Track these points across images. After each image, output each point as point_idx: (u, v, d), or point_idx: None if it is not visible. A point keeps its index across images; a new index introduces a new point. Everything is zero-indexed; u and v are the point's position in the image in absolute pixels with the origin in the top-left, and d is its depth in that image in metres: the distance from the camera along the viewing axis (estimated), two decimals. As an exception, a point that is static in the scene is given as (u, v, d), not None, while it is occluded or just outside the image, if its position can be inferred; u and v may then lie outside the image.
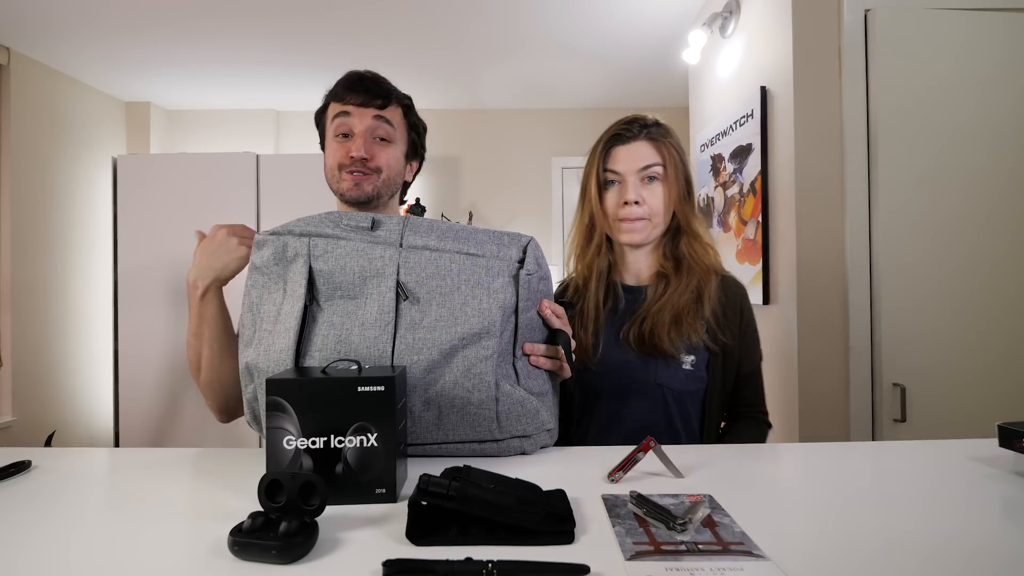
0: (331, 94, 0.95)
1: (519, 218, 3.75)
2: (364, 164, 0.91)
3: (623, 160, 0.97)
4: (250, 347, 0.75)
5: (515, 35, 2.68)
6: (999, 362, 1.52)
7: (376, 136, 0.93)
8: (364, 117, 0.92)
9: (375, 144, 0.93)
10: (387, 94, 0.94)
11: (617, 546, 0.47)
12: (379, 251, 0.74)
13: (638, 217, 0.96)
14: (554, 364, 0.79)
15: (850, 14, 1.55)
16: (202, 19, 2.49)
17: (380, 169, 0.93)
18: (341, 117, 0.92)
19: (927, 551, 0.46)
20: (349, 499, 0.56)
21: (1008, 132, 1.54)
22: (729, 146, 2.04)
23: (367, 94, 0.92)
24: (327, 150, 0.95)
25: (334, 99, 0.94)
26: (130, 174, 2.74)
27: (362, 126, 0.92)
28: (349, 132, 0.92)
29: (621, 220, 0.98)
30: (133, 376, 2.71)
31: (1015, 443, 0.64)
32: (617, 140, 0.98)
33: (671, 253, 1.01)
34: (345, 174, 0.92)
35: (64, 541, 0.49)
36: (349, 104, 0.92)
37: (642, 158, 0.96)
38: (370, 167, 0.92)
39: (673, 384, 0.96)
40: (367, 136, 0.92)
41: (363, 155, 0.91)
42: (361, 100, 0.92)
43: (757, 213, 1.79)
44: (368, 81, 0.93)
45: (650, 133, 0.98)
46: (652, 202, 0.96)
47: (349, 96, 0.92)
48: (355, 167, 0.91)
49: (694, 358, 0.96)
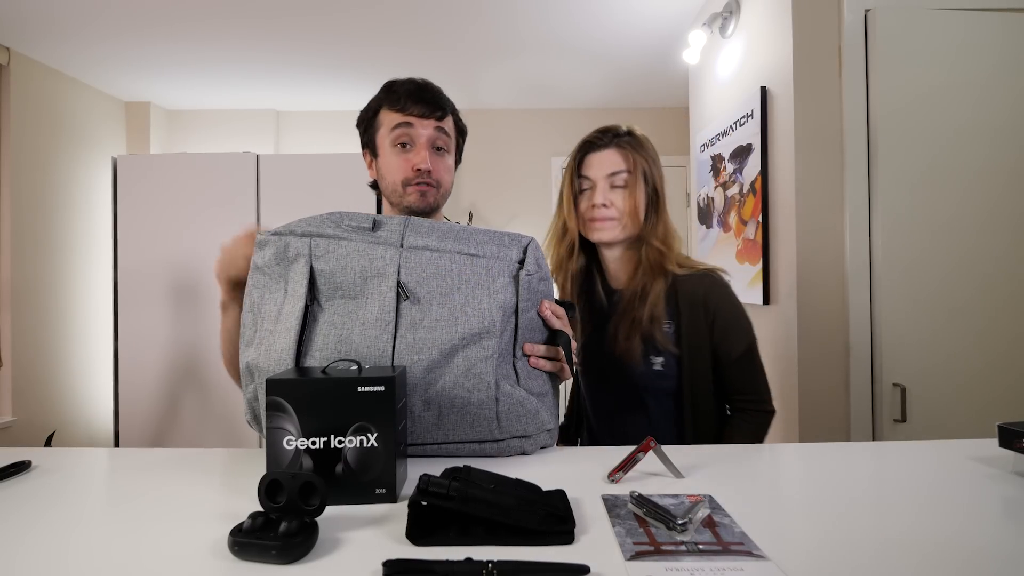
0: (386, 100, 0.94)
1: (519, 218, 3.75)
2: (429, 176, 0.92)
3: (594, 166, 1.04)
4: (251, 347, 0.75)
5: (515, 35, 2.68)
6: (999, 362, 1.52)
7: (435, 146, 0.94)
8: (426, 128, 0.92)
9: (434, 155, 0.94)
10: (445, 106, 0.95)
11: (617, 546, 0.47)
12: (380, 251, 0.74)
13: (606, 217, 1.03)
14: (554, 365, 0.79)
15: (850, 14, 1.55)
16: (202, 19, 2.48)
17: (440, 183, 0.94)
18: (403, 128, 0.92)
19: (927, 551, 0.46)
20: (349, 499, 0.56)
21: (1008, 132, 1.54)
22: (729, 146, 2.04)
23: (428, 105, 0.92)
24: (386, 164, 0.94)
25: (392, 107, 0.93)
26: (130, 174, 2.74)
27: (424, 137, 0.92)
28: (410, 142, 0.93)
29: (591, 220, 1.04)
30: (133, 376, 2.71)
31: (1015, 443, 0.64)
32: (590, 147, 1.06)
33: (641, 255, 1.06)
34: (411, 187, 0.92)
35: (64, 541, 0.49)
36: (411, 115, 0.92)
37: (610, 165, 1.03)
38: (434, 179, 0.93)
39: (648, 384, 1.02)
40: (429, 147, 0.93)
41: (428, 167, 0.91)
42: (423, 111, 0.92)
43: (757, 213, 1.79)
44: (428, 92, 0.94)
45: (620, 142, 1.04)
46: (619, 204, 1.03)
47: (411, 106, 0.92)
48: (420, 179, 0.92)
49: (663, 359, 1.01)
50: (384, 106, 0.95)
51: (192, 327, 2.67)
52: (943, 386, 1.50)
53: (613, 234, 1.03)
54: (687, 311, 1.03)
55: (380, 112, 0.95)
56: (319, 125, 3.77)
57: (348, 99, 3.54)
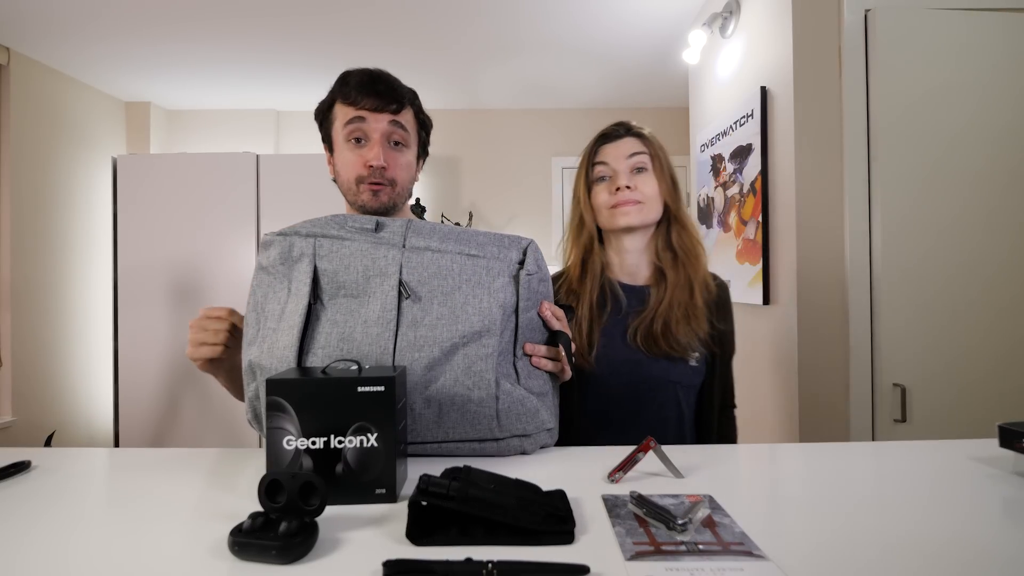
0: (340, 93, 0.89)
1: (519, 218, 3.75)
2: (382, 173, 0.87)
3: (612, 154, 1.01)
4: (253, 345, 0.75)
5: (515, 35, 2.68)
6: (999, 362, 1.52)
7: (391, 141, 0.89)
8: (380, 122, 0.87)
9: (390, 151, 0.89)
10: (401, 98, 0.89)
11: (617, 546, 0.47)
12: (382, 251, 0.75)
13: (631, 200, 0.99)
14: (555, 365, 0.80)
15: (850, 14, 1.55)
16: (202, 19, 2.48)
17: (395, 181, 0.89)
18: (355, 123, 0.87)
19: (927, 551, 0.46)
20: (349, 499, 0.56)
21: (1008, 132, 1.54)
22: (729, 146, 2.04)
23: (381, 98, 0.87)
24: (341, 160, 0.90)
25: (344, 100, 0.88)
26: (130, 174, 2.74)
27: (378, 132, 0.87)
28: (363, 137, 0.88)
29: (615, 206, 1.00)
30: (133, 376, 2.71)
31: (1015, 443, 0.64)
32: (605, 139, 1.04)
33: (667, 245, 1.03)
34: (364, 186, 0.88)
35: (64, 541, 0.49)
36: (363, 109, 0.86)
37: (628, 149, 1.01)
38: (387, 177, 0.88)
39: (683, 380, 0.98)
40: (383, 142, 0.88)
41: (382, 163, 0.86)
42: (375, 104, 0.86)
43: (757, 213, 1.79)
44: (381, 83, 0.88)
45: (634, 132, 1.03)
46: (644, 188, 1.00)
47: (363, 99, 0.86)
48: (373, 177, 0.87)
49: (698, 354, 0.99)
50: (338, 99, 0.89)
51: (192, 327, 2.67)
52: (943, 386, 1.50)
53: (640, 217, 0.99)
54: (722, 306, 1.03)
55: (334, 106, 0.90)
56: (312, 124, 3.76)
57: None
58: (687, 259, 1.00)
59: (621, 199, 0.99)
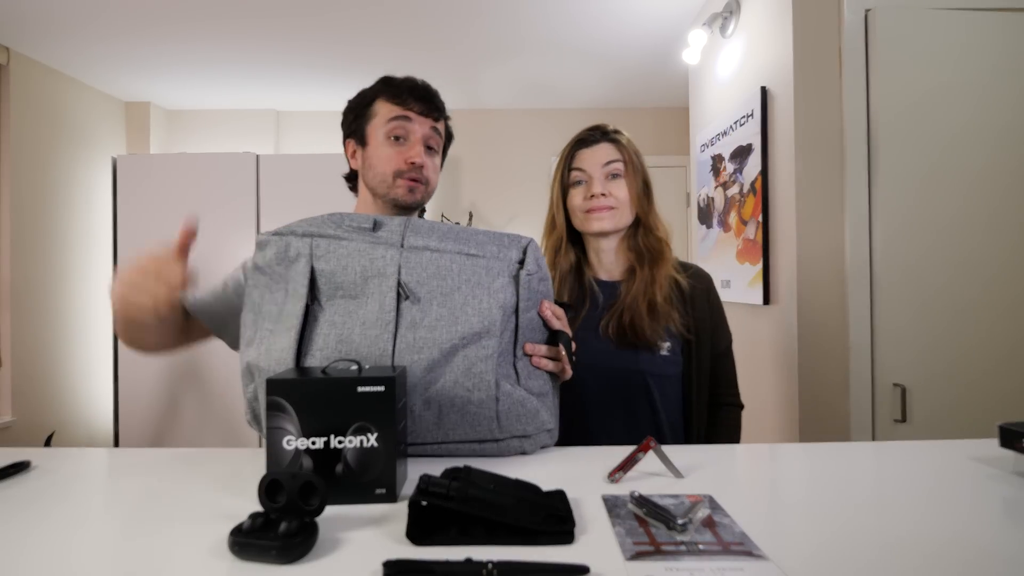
0: (385, 92, 0.94)
1: (519, 218, 3.75)
2: (420, 171, 0.92)
3: (588, 159, 1.06)
4: (251, 347, 0.75)
5: (515, 35, 2.68)
6: (1000, 362, 1.52)
7: (427, 145, 0.94)
8: (423, 125, 0.93)
9: (426, 153, 0.94)
10: (441, 107, 0.96)
11: (617, 546, 0.47)
12: (380, 251, 0.74)
13: (605, 206, 1.04)
14: (556, 365, 0.79)
15: (850, 14, 1.55)
16: (202, 19, 2.48)
17: (429, 180, 0.94)
18: (400, 120, 0.92)
19: (927, 551, 0.46)
20: (349, 499, 0.56)
21: (1008, 132, 1.54)
22: (729, 146, 2.04)
23: (427, 103, 0.93)
24: (378, 155, 0.93)
25: (392, 99, 0.93)
26: (130, 174, 2.74)
27: (420, 133, 0.92)
28: (405, 137, 0.92)
29: (589, 211, 1.05)
30: (133, 376, 2.71)
31: (1016, 443, 0.64)
32: (581, 144, 1.08)
33: (635, 247, 1.09)
34: (401, 180, 0.92)
35: (64, 541, 0.49)
36: (411, 110, 0.92)
37: (605, 156, 1.05)
38: (424, 176, 0.93)
39: (653, 369, 1.02)
40: (423, 144, 0.93)
41: (422, 162, 0.91)
42: (422, 109, 0.92)
43: (757, 213, 1.79)
44: (428, 92, 0.94)
45: (610, 137, 1.07)
46: (617, 193, 1.05)
47: (411, 102, 0.92)
48: (412, 173, 0.91)
49: (670, 344, 1.03)
50: (381, 97, 0.94)
51: (192, 327, 2.67)
52: (943, 386, 1.50)
53: (613, 223, 1.05)
54: (698, 299, 1.07)
55: (376, 102, 0.94)
56: (319, 125, 3.77)
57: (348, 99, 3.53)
58: (652, 258, 1.06)
59: (595, 205, 1.04)
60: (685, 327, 1.04)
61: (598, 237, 1.08)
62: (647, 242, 1.07)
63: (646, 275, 1.04)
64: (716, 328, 1.08)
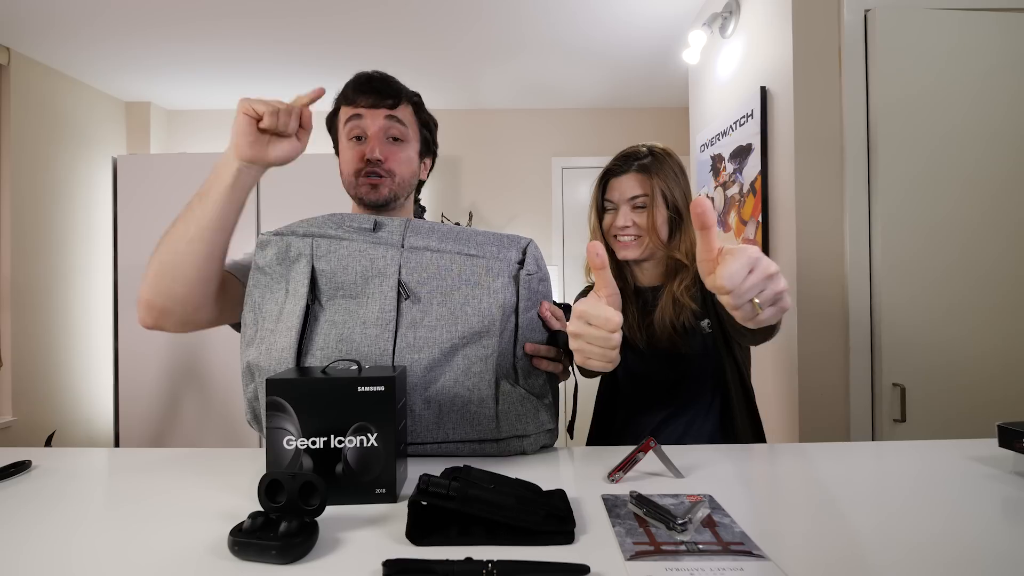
0: (341, 97, 0.95)
1: (519, 218, 3.74)
2: (379, 166, 0.91)
3: (616, 190, 1.11)
4: (252, 346, 0.75)
5: (515, 35, 2.68)
6: (999, 362, 1.52)
7: (389, 136, 0.92)
8: (376, 118, 0.91)
9: (389, 145, 0.92)
10: (397, 93, 0.93)
11: (617, 546, 0.47)
12: (381, 251, 0.74)
13: (631, 235, 1.10)
14: (555, 366, 0.79)
15: (850, 14, 1.55)
16: (202, 19, 2.48)
17: (394, 172, 0.92)
18: (353, 120, 0.92)
19: (927, 551, 0.46)
20: (349, 499, 0.56)
21: (1008, 132, 1.54)
22: (729, 146, 2.04)
23: (377, 95, 0.91)
24: (343, 158, 0.94)
25: (344, 102, 0.93)
26: (130, 174, 2.74)
27: (375, 127, 0.91)
28: (362, 134, 0.92)
29: (616, 239, 1.12)
30: (133, 376, 2.71)
31: (1015, 443, 0.64)
32: (611, 173, 1.12)
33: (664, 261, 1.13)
34: (362, 179, 0.91)
35: (64, 541, 0.49)
36: (360, 106, 0.91)
37: (629, 190, 1.09)
38: (385, 169, 0.91)
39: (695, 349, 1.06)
40: (381, 137, 0.91)
41: (378, 156, 0.90)
42: (372, 101, 0.91)
43: (757, 213, 1.79)
44: (377, 81, 0.93)
45: (641, 166, 1.09)
46: (642, 223, 1.09)
47: (360, 98, 0.91)
48: (371, 169, 0.91)
49: (707, 320, 1.06)
50: (341, 104, 0.95)
51: (192, 327, 2.67)
52: (943, 386, 1.50)
53: (636, 252, 1.10)
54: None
55: (339, 111, 0.95)
56: (319, 125, 3.76)
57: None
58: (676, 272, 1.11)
59: (621, 235, 1.10)
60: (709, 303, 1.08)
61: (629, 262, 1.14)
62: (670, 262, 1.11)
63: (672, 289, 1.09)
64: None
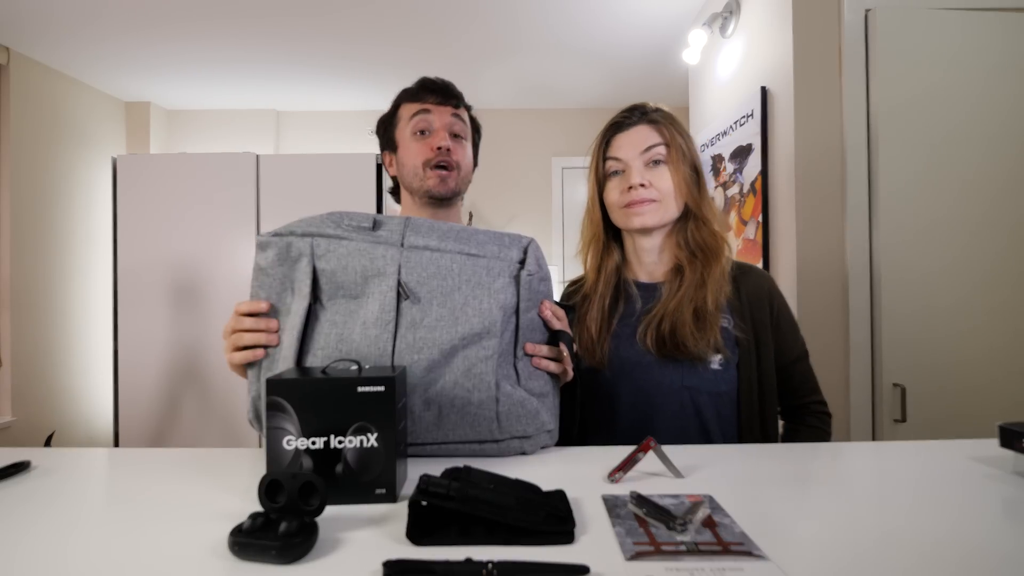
0: (404, 96, 1.00)
1: (519, 218, 3.74)
2: (449, 155, 0.95)
3: (624, 146, 0.92)
4: None
5: (515, 35, 2.68)
6: (999, 362, 1.52)
7: (452, 132, 0.97)
8: (443, 114, 0.97)
9: (452, 140, 0.97)
10: (459, 96, 1.00)
11: (617, 546, 0.47)
12: (380, 251, 0.74)
13: (646, 199, 0.90)
14: (557, 366, 0.79)
15: (850, 14, 1.55)
16: (202, 19, 2.48)
17: (459, 164, 0.97)
18: (421, 115, 0.96)
19: (927, 551, 0.46)
20: (349, 499, 0.56)
21: (1008, 132, 1.54)
22: (729, 146, 2.04)
23: (443, 94, 0.98)
24: (405, 150, 0.98)
25: (409, 99, 0.99)
26: (130, 174, 2.73)
27: (441, 121, 0.96)
28: (428, 128, 0.96)
29: (628, 205, 0.91)
30: (133, 376, 2.71)
31: (1016, 443, 0.64)
32: (617, 128, 0.95)
33: (685, 242, 0.94)
34: (430, 171, 0.95)
35: (64, 541, 0.49)
36: (428, 103, 0.97)
37: (644, 140, 0.91)
38: (453, 160, 0.96)
39: (703, 386, 0.88)
40: (447, 132, 0.96)
41: (448, 145, 0.94)
42: (438, 99, 0.97)
43: (757, 213, 1.79)
44: (442, 84, 1.00)
45: (650, 117, 0.94)
46: (660, 184, 0.90)
47: (427, 95, 0.97)
48: (440, 159, 0.94)
49: (721, 356, 0.89)
50: (403, 102, 1.00)
51: (192, 327, 2.67)
52: (943, 386, 1.50)
53: (656, 218, 0.91)
54: (754, 304, 0.93)
55: (399, 108, 1.00)
56: (319, 125, 3.77)
57: (348, 99, 3.54)
58: (704, 257, 0.92)
59: (635, 198, 0.90)
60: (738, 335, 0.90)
61: (640, 235, 0.95)
62: (699, 237, 0.92)
63: (696, 276, 0.90)
64: (781, 337, 0.94)
